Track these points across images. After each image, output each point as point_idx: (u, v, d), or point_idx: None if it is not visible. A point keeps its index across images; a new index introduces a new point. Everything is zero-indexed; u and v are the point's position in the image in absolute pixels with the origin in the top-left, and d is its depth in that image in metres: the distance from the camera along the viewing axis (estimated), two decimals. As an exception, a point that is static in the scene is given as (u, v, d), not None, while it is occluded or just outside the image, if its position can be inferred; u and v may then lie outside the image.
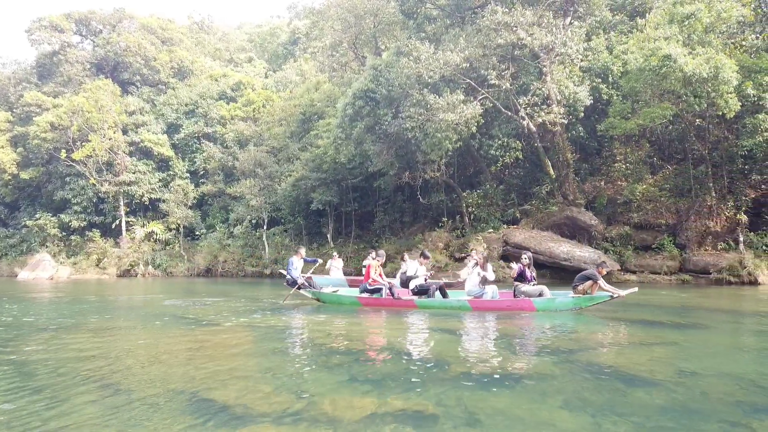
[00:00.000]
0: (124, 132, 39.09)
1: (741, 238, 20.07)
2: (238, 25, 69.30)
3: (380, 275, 11.78)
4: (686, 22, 19.52)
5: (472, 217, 25.61)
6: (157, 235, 37.01)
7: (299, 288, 12.38)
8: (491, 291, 10.66)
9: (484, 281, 10.60)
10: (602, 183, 24.54)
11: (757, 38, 20.59)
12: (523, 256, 10.84)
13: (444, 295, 11.13)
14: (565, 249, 20.88)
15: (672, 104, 19.07)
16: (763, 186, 22.42)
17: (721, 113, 18.12)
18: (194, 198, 38.15)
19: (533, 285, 10.46)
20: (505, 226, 24.06)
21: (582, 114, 22.50)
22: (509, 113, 22.78)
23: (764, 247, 19.67)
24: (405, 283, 11.84)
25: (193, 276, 33.09)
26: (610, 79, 22.76)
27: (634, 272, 20.57)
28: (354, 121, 25.19)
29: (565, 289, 13.30)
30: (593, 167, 25.72)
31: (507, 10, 21.31)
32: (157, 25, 46.78)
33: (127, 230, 37.86)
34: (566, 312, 9.75)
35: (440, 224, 26.04)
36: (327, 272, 18.96)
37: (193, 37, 53.32)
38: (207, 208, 39.17)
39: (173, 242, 37.24)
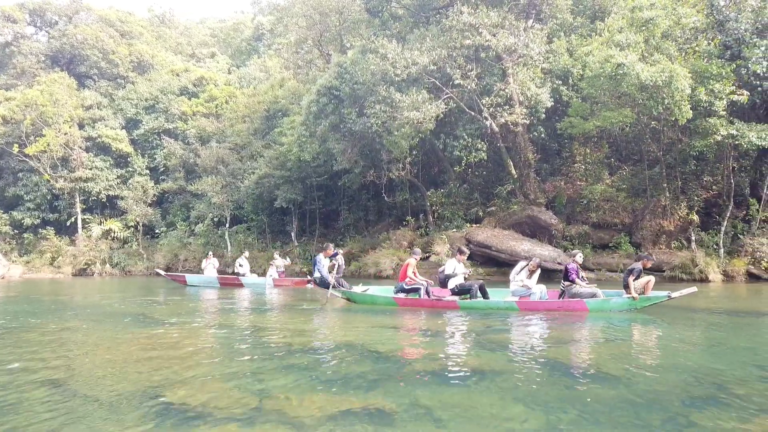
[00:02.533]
0: (81, 127, 37.84)
1: (693, 237, 20.83)
2: (200, 19, 67.95)
3: (415, 274, 11.07)
4: (645, 27, 20.10)
5: (436, 216, 25.83)
6: (114, 233, 36.00)
7: (333, 287, 11.63)
8: (539, 291, 10.36)
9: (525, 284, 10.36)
10: (562, 183, 25.09)
11: (709, 44, 21.36)
12: (578, 255, 10.45)
13: (484, 294, 10.49)
14: (526, 247, 21.27)
15: (629, 108, 19.61)
16: (714, 187, 23.33)
17: (678, 120, 18.72)
18: (154, 195, 37.25)
19: (586, 285, 10.14)
20: (468, 224, 24.35)
21: (543, 115, 22.93)
22: (473, 113, 23.04)
23: (714, 246, 20.46)
24: (444, 283, 11.02)
25: (153, 275, 32.31)
26: (570, 81, 23.26)
27: (592, 270, 21.07)
28: (318, 118, 25.05)
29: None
30: (554, 167, 26.27)
31: (472, 11, 21.54)
32: (115, 18, 45.47)
33: (83, 228, 36.69)
34: (621, 313, 9.43)
35: (405, 222, 26.18)
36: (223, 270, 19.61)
37: (154, 31, 52.01)
38: (167, 206, 38.30)
39: (132, 240, 36.30)
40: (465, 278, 11.07)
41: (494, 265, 22.34)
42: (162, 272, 21.98)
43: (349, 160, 24.96)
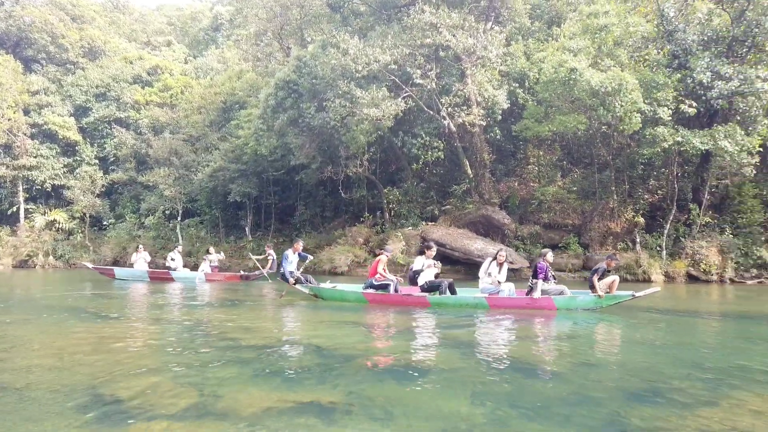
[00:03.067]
0: (26, 112, 36.18)
1: (638, 239, 21.62)
2: (156, 6, 65.94)
3: (385, 270, 10.98)
4: (598, 34, 20.70)
5: (392, 213, 25.91)
6: (59, 224, 34.59)
7: (295, 284, 11.61)
8: (508, 289, 10.35)
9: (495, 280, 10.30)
10: (516, 184, 25.60)
11: (658, 53, 22.19)
12: (548, 254, 10.46)
13: (453, 292, 10.45)
14: (479, 246, 21.58)
15: (582, 112, 20.15)
16: (659, 191, 24.28)
17: (627, 129, 19.36)
18: (102, 186, 35.94)
19: (554, 284, 10.21)
20: (424, 223, 24.52)
21: (500, 117, 23.31)
22: (431, 112, 23.21)
23: (657, 248, 21.29)
24: (413, 280, 11.00)
25: (80, 267, 31.12)
26: (527, 84, 23.73)
27: (542, 269, 21.59)
28: (276, 112, 24.74)
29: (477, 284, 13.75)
30: (508, 168, 26.77)
31: (434, 10, 21.70)
32: (66, 1, 43.63)
33: (25, 218, 35.12)
34: (587, 311, 9.62)
35: (361, 219, 26.15)
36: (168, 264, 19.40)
37: (107, 16, 50.22)
38: (116, 197, 37.06)
39: (77, 232, 34.97)
40: (435, 275, 10.99)
41: (448, 263, 22.50)
42: (90, 265, 21.25)
43: (306, 156, 24.75)
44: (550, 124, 20.94)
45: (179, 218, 31.97)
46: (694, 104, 19.84)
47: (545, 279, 9.91)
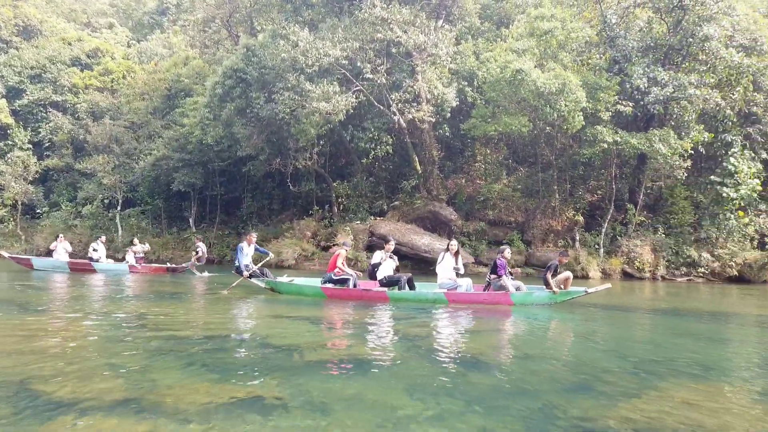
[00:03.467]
0: (-49, 92, 33.94)
1: (577, 237, 22.43)
2: (99, -14, 63.02)
3: (344, 265, 10.81)
4: (543, 38, 21.26)
5: (341, 208, 25.84)
6: (-12, 211, 32.66)
7: (249, 277, 11.32)
8: (465, 284, 10.39)
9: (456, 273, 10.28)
10: (463, 181, 26.02)
11: (600, 58, 23.01)
12: (506, 251, 10.52)
13: (411, 287, 10.44)
14: (426, 241, 21.83)
15: (526, 113, 20.66)
16: (598, 191, 25.23)
17: (567, 129, 19.99)
18: (36, 172, 34.16)
19: (512, 279, 10.32)
20: (372, 217, 24.58)
21: (449, 114, 23.60)
22: (381, 107, 23.24)
23: (596, 246, 22.14)
24: (372, 274, 10.87)
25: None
26: (476, 83, 24.10)
27: (486, 265, 22.04)
28: (223, 101, 24.16)
29: (424, 279, 13.93)
30: (456, 165, 27.17)
31: (385, 5, 21.68)
32: (-2, -26, 41.09)
33: (-51, 205, 32.97)
34: (542, 306, 9.83)
35: (310, 213, 25.95)
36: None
37: (44, -7, 47.64)
38: (51, 185, 35.29)
39: (8, 220, 33.11)
40: (394, 270, 10.83)
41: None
42: (5, 254, 20.17)
43: (254, 147, 24.31)
44: (497, 124, 21.37)
45: (119, 208, 30.76)
46: (631, 104, 20.73)
47: (501, 274, 10.04)
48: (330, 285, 10.61)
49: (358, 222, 24.17)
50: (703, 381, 4.44)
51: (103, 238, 20.28)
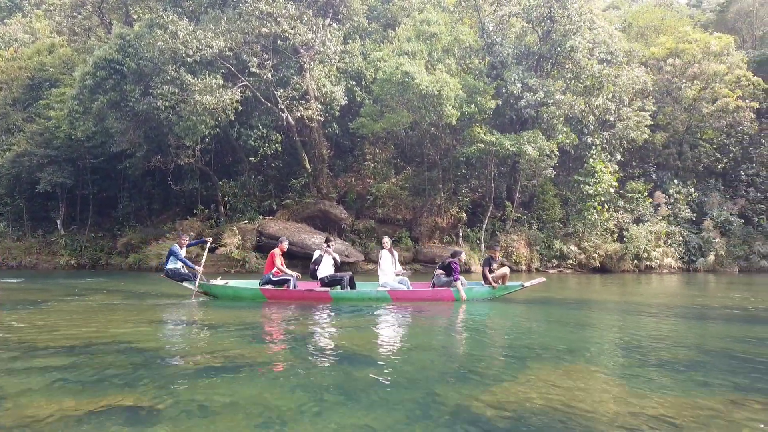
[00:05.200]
0: None
1: (461, 233, 23.54)
2: (-56, -40, 55.66)
3: (282, 264, 10.24)
4: (429, 41, 22.03)
5: (228, 207, 25.01)
6: None
7: (181, 281, 10.44)
8: (406, 281, 10.37)
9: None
10: (353, 179, 26.26)
11: (480, 63, 24.28)
12: (462, 254, 10.60)
13: (352, 286, 10.21)
14: (317, 240, 21.74)
15: (411, 113, 21.31)
16: (479, 190, 26.63)
17: (447, 122, 20.87)
18: None
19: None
20: (261, 217, 24.07)
21: (338, 113, 23.69)
22: (269, 104, 22.82)
23: (477, 241, 23.37)
24: (314, 274, 10.47)
25: None
26: (364, 83, 24.43)
27: (376, 262, 22.44)
28: (95, 93, 22.40)
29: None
30: (346, 164, 27.36)
31: (271, 0, 21.26)
32: None
33: None
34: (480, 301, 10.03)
35: (194, 213, 24.84)
36: None
37: None
38: None
39: None
40: (334, 269, 10.62)
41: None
42: None
43: (130, 142, 22.83)
44: (383, 122, 21.82)
45: (-29, 209, 27.46)
46: (500, 101, 22.15)
47: (450, 273, 10.11)
48: (269, 286, 10.14)
49: (246, 222, 23.55)
50: (568, 363, 4.82)
51: None
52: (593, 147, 24.72)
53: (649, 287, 16.31)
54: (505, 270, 10.60)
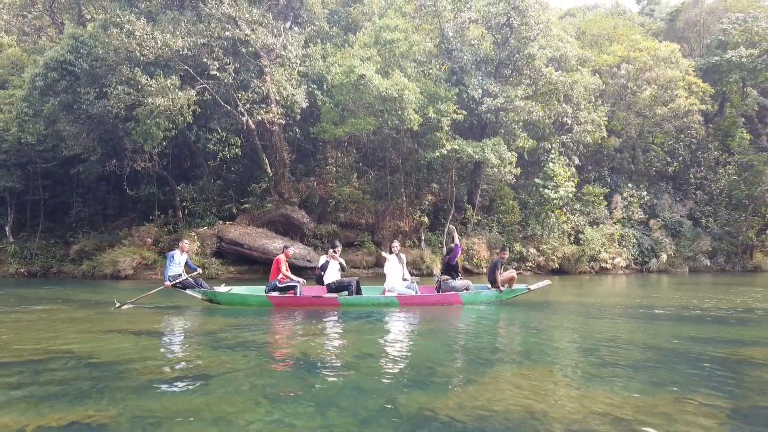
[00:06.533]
0: None
1: (423, 237, 23.71)
2: None
3: (287, 270, 10.18)
4: (387, 47, 22.13)
5: (186, 212, 24.52)
6: None
7: (184, 288, 10.18)
8: (414, 286, 10.31)
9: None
10: (315, 183, 26.13)
11: (440, 69, 24.55)
12: (459, 249, 10.59)
13: (358, 291, 10.12)
14: (278, 245, 21.51)
15: (372, 117, 21.38)
16: (440, 193, 26.88)
17: (408, 126, 21.03)
18: None
19: (460, 279, 10.41)
20: (221, 222, 23.69)
21: (299, 117, 23.55)
22: (229, 108, 22.50)
23: (439, 245, 23.58)
24: (320, 279, 10.36)
25: None
26: (325, 87, 24.35)
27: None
28: (46, 95, 21.68)
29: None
30: (308, 168, 27.21)
31: (233, 2, 20.99)
32: None
33: None
34: (491, 305, 10.15)
35: (151, 218, 24.24)
36: None
37: None
38: None
39: None
40: (340, 273, 10.50)
41: (246, 263, 22.14)
42: None
43: (83, 146, 22.15)
44: (345, 127, 21.81)
45: None
46: (464, 112, 22.46)
47: (455, 275, 10.33)
48: (276, 293, 10.02)
49: (205, 227, 23.15)
50: (527, 366, 4.94)
51: None
52: (551, 151, 25.33)
53: (604, 288, 16.82)
54: (513, 273, 10.80)
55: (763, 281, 20.23)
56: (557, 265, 25.06)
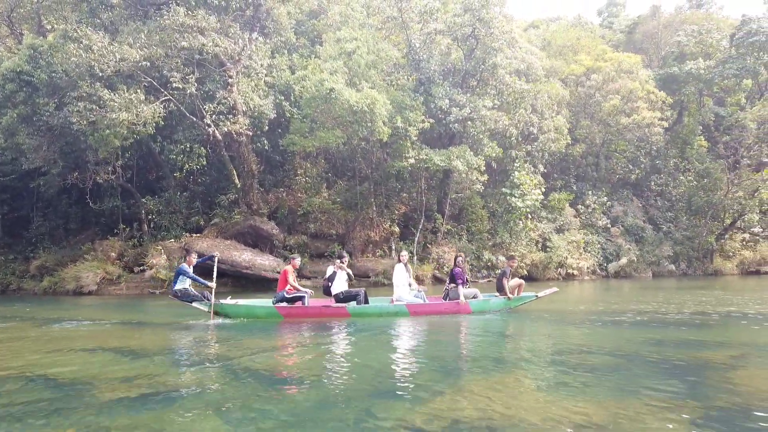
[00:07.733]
0: None
1: (393, 246, 23.74)
2: None
3: (295, 281, 10.20)
4: (350, 58, 22.15)
5: (152, 225, 24.01)
6: None
7: (191, 302, 10.06)
8: (422, 294, 10.39)
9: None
10: (284, 194, 25.94)
11: (407, 79, 24.75)
12: (463, 259, 10.59)
13: (366, 301, 10.13)
14: (247, 257, 21.32)
15: (341, 129, 21.37)
16: (410, 203, 27.00)
17: (378, 138, 21.11)
18: None
19: (468, 287, 10.45)
20: (187, 234, 23.28)
21: (267, 127, 23.36)
22: (194, 119, 22.19)
23: (410, 254, 23.62)
24: (327, 290, 10.38)
25: None
26: (292, 97, 24.26)
27: (309, 278, 22.24)
28: (3, 107, 21.12)
29: (246, 296, 13.59)
30: (277, 179, 27.00)
31: (190, 12, 20.71)
32: None
33: None
34: (498, 312, 10.27)
35: (115, 232, 23.67)
36: None
37: None
38: None
39: None
40: (348, 284, 10.54)
41: (215, 276, 21.73)
42: None
43: (44, 159, 21.54)
44: (313, 140, 21.73)
45: None
46: (432, 120, 22.67)
47: (463, 284, 10.30)
48: (284, 304, 9.97)
49: (172, 240, 22.72)
50: (498, 374, 5.00)
51: None
52: (517, 160, 25.75)
53: (570, 294, 17.09)
54: (520, 281, 11.00)
55: (722, 284, 20.89)
56: (526, 272, 25.38)
